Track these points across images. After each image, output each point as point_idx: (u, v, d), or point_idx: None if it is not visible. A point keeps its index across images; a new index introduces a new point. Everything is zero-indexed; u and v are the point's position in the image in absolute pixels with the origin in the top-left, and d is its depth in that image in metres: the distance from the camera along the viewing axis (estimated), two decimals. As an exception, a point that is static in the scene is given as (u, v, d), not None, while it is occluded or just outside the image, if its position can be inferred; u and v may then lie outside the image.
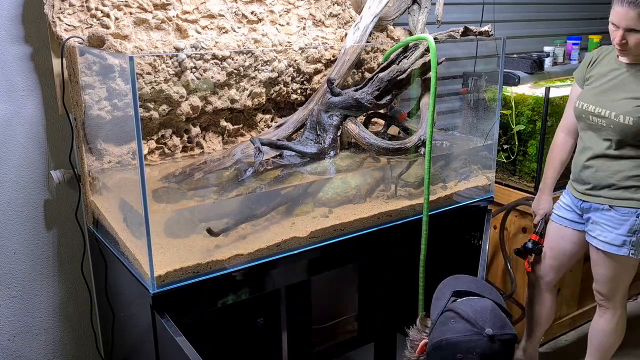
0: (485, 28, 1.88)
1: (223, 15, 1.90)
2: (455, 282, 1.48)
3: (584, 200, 2.09)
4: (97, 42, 1.63)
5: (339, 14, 2.16)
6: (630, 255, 2.02)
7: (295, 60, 1.98)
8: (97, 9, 1.70)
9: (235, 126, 1.98)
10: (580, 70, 2.16)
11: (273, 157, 1.78)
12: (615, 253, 2.02)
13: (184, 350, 1.32)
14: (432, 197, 1.88)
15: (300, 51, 1.97)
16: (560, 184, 2.32)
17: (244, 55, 1.83)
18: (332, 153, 1.82)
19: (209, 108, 1.84)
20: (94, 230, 1.80)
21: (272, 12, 2.01)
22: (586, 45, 3.41)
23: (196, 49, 1.73)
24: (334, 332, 2.65)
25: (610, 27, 1.91)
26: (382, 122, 2.12)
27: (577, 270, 2.85)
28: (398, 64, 1.90)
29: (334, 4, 2.15)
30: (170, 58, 1.69)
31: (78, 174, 1.84)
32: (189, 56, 1.71)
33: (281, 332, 2.08)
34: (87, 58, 1.63)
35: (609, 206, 2.02)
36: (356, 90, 1.89)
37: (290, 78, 2.00)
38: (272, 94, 1.99)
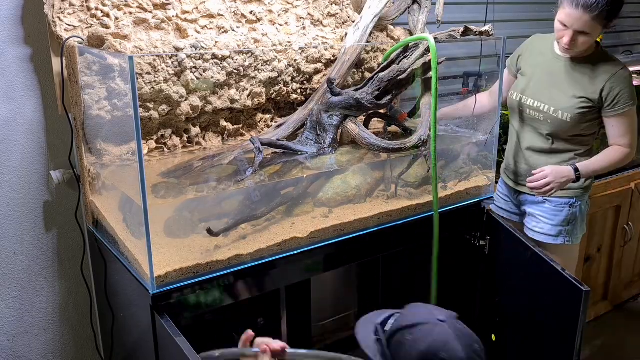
0: (486, 28, 1.88)
1: (222, 15, 1.90)
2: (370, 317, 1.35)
3: (520, 192, 2.17)
4: (97, 42, 1.63)
5: (337, 14, 2.16)
6: (566, 243, 2.11)
7: (295, 60, 1.98)
8: (97, 8, 1.70)
9: (235, 126, 1.98)
10: (513, 57, 2.19)
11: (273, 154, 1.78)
12: (552, 243, 2.11)
13: (183, 351, 1.31)
14: (431, 197, 1.88)
15: (300, 51, 1.97)
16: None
17: (244, 55, 1.83)
18: (332, 153, 1.82)
19: (209, 108, 1.84)
20: (94, 230, 1.80)
21: (270, 11, 2.01)
22: (586, 45, 3.40)
23: (196, 49, 1.73)
24: (334, 330, 2.65)
25: (558, 26, 1.92)
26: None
27: (577, 273, 2.85)
28: (398, 64, 1.90)
29: (332, 4, 2.15)
30: (170, 58, 1.68)
31: (78, 174, 1.84)
32: (188, 56, 1.71)
33: (281, 332, 2.08)
34: (87, 58, 1.63)
35: (543, 198, 2.08)
36: (356, 90, 1.89)
37: (290, 78, 2.00)
38: (272, 93, 1.99)
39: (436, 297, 1.84)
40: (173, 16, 1.80)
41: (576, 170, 1.97)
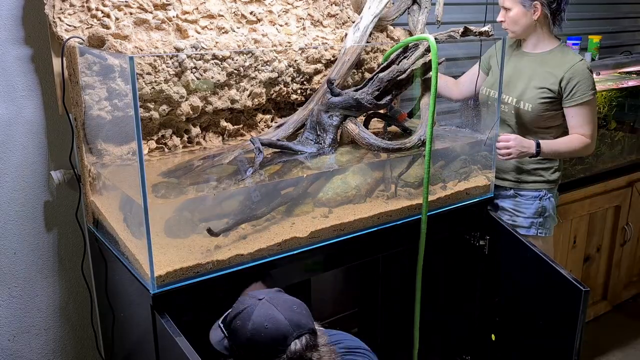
0: (485, 28, 1.89)
1: (222, 16, 1.91)
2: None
3: (495, 186, 2.22)
4: (97, 42, 1.63)
5: (337, 14, 2.16)
6: (539, 235, 2.18)
7: (295, 61, 1.98)
8: (97, 9, 1.70)
9: (236, 126, 1.98)
10: (485, 56, 2.31)
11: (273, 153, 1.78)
12: (525, 234, 2.15)
13: (183, 351, 1.32)
14: (431, 197, 1.88)
15: (300, 51, 1.98)
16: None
17: (244, 55, 1.84)
18: (332, 153, 1.82)
19: (209, 108, 1.85)
20: (94, 230, 1.80)
21: (270, 12, 2.02)
22: (586, 45, 3.41)
23: (196, 49, 1.74)
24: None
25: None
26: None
27: (576, 273, 2.86)
28: (398, 64, 1.90)
29: (332, 4, 2.15)
30: (171, 58, 1.69)
31: (78, 174, 1.84)
32: (189, 56, 1.71)
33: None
34: (87, 58, 1.63)
35: (514, 192, 2.18)
36: (356, 90, 1.89)
37: (290, 78, 2.00)
38: (272, 94, 2.00)
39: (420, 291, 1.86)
40: (173, 16, 1.80)
41: (538, 145, 2.03)
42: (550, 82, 2.07)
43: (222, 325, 1.37)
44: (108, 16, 1.71)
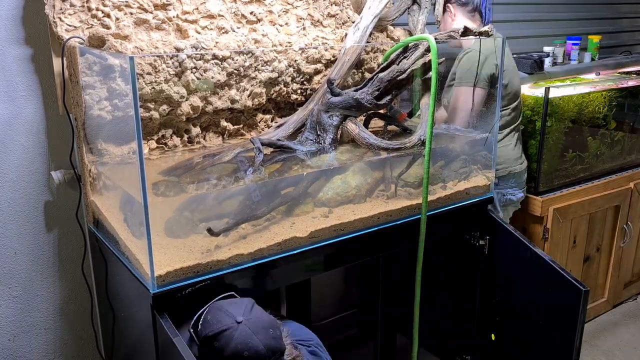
0: (485, 28, 1.89)
1: (223, 16, 1.91)
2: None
3: None
4: (97, 42, 1.63)
5: (337, 14, 2.16)
6: None
7: (295, 61, 1.98)
8: (97, 9, 1.71)
9: (236, 126, 1.98)
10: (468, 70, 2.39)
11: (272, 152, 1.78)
12: None
13: (183, 351, 1.32)
14: (431, 197, 1.88)
15: (300, 51, 1.98)
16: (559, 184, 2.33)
17: (244, 55, 1.84)
18: (332, 153, 1.82)
19: (209, 108, 1.85)
20: (95, 230, 1.80)
21: (270, 12, 2.02)
22: (586, 45, 3.41)
23: (196, 49, 1.74)
24: (334, 330, 2.66)
25: None
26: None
27: (576, 273, 2.86)
28: (398, 64, 1.91)
29: (332, 4, 2.15)
30: (171, 58, 1.69)
31: (78, 174, 1.84)
32: (189, 56, 1.71)
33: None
34: (87, 58, 1.63)
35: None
36: (356, 90, 1.89)
37: (290, 78, 2.00)
38: (272, 94, 2.00)
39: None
40: (173, 17, 1.80)
41: None
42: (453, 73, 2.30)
43: (192, 333, 1.40)
44: (108, 16, 1.71)
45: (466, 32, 1.89)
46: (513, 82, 2.35)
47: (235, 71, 1.84)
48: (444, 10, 2.33)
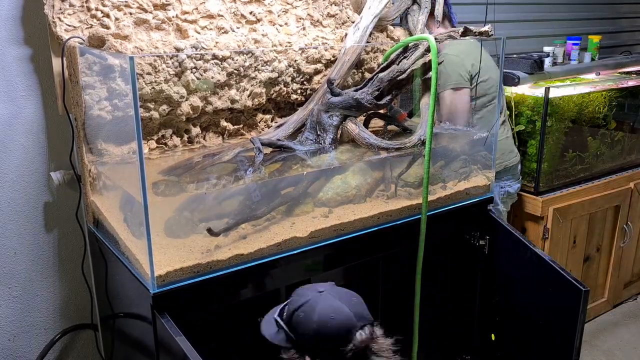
0: (485, 28, 1.88)
1: (222, 16, 1.91)
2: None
3: None
4: (97, 42, 1.63)
5: (337, 14, 2.16)
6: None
7: (295, 61, 1.98)
8: (97, 9, 1.71)
9: (236, 126, 1.98)
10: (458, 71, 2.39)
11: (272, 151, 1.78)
12: None
13: (184, 350, 1.32)
14: (431, 197, 1.88)
15: (300, 51, 1.98)
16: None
17: (244, 55, 1.84)
18: (332, 153, 1.82)
19: (209, 108, 1.85)
20: (95, 230, 1.80)
21: (270, 12, 2.02)
22: (586, 45, 3.41)
23: (196, 49, 1.74)
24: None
25: None
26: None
27: (576, 273, 2.86)
28: (398, 64, 1.91)
29: (331, 4, 2.15)
30: (171, 58, 1.69)
31: (78, 174, 1.84)
32: (189, 56, 1.71)
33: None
34: (87, 58, 1.63)
35: None
36: (356, 90, 1.89)
37: (290, 78, 2.00)
38: (272, 94, 2.00)
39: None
40: (173, 17, 1.80)
41: None
42: None
43: (278, 319, 1.39)
44: (108, 16, 1.71)
45: (466, 32, 1.89)
46: (492, 77, 2.38)
47: (235, 71, 1.84)
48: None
